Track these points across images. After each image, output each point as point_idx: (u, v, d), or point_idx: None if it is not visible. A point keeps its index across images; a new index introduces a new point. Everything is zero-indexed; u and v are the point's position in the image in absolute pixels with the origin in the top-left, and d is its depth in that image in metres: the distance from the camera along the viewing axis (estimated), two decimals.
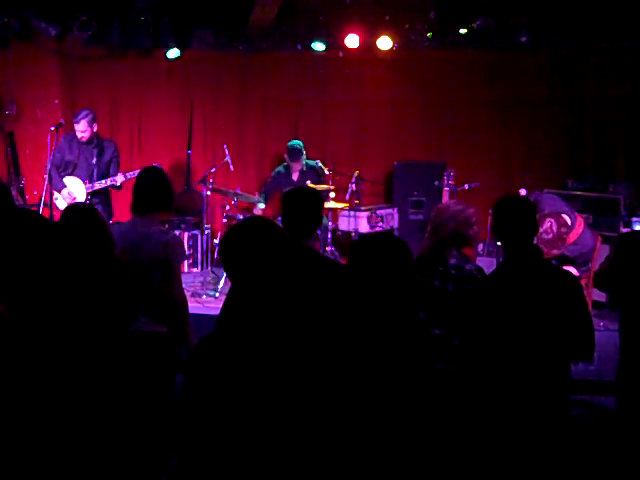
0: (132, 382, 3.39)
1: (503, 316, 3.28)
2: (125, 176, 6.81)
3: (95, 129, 6.89)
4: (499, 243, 3.53)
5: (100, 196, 6.95)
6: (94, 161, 6.83)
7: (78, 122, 6.81)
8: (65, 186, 6.83)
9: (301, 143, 8.03)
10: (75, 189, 6.87)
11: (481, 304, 3.36)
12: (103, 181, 6.88)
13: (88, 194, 6.87)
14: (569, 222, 5.62)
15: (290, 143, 8.05)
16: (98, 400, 3.25)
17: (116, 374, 3.31)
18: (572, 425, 3.37)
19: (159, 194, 4.10)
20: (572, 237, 5.67)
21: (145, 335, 3.90)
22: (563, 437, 3.27)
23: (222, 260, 2.36)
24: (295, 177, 8.08)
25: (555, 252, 5.48)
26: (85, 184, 6.87)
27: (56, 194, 6.85)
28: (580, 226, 5.78)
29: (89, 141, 6.84)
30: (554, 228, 5.56)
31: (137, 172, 6.80)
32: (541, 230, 5.57)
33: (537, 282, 3.30)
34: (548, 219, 5.60)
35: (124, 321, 3.47)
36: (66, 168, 6.88)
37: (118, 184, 6.86)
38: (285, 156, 8.07)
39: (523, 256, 3.35)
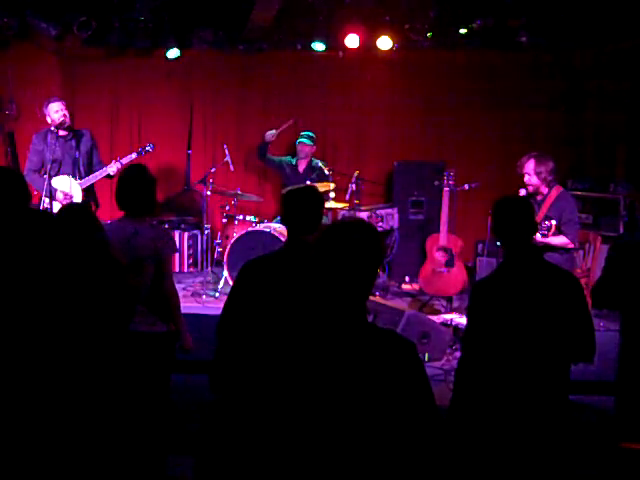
0: (127, 382, 3.39)
1: (503, 316, 3.28)
2: (120, 163, 6.61)
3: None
4: (499, 243, 3.52)
5: (91, 193, 6.71)
6: (77, 154, 6.54)
7: (52, 102, 6.56)
8: (55, 189, 6.42)
9: (308, 132, 8.22)
10: (67, 188, 6.53)
11: (481, 304, 3.36)
12: (97, 173, 6.65)
13: (83, 190, 6.60)
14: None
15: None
16: (94, 399, 3.25)
17: (112, 374, 3.31)
18: (572, 425, 3.37)
19: (148, 198, 4.09)
20: (550, 199, 5.82)
21: (140, 335, 3.90)
22: (563, 437, 3.27)
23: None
24: (301, 169, 8.16)
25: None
26: (76, 180, 6.57)
27: (46, 199, 6.29)
28: (558, 189, 5.89)
29: (68, 129, 6.57)
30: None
31: (132, 156, 6.80)
32: None
33: (537, 282, 3.30)
34: None
35: (121, 321, 3.46)
36: (51, 168, 6.41)
37: (113, 173, 6.62)
38: (296, 143, 8.23)
39: (523, 256, 3.36)
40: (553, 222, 5.36)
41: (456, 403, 3.34)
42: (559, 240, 5.63)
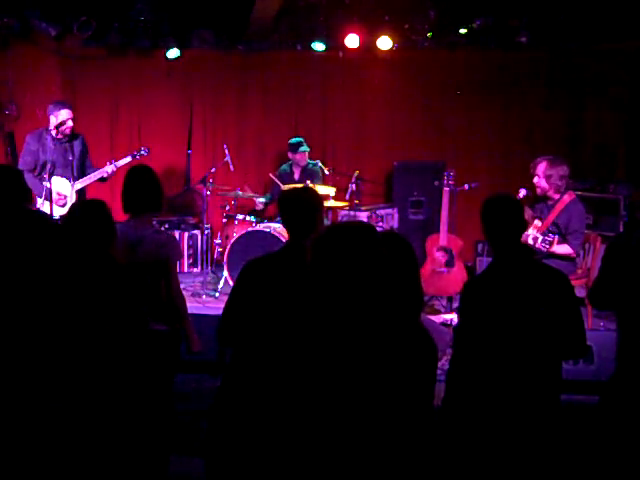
0: (131, 381, 3.39)
1: (493, 315, 3.29)
2: (115, 165, 6.59)
3: None
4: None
5: (83, 197, 6.61)
6: (70, 157, 6.50)
7: (65, 108, 6.52)
8: (49, 190, 6.19)
9: (301, 138, 8.10)
10: (63, 190, 6.52)
11: (472, 303, 3.37)
12: (92, 175, 6.62)
13: (77, 192, 6.56)
14: None
15: (290, 140, 8.15)
16: (98, 398, 3.25)
17: (113, 373, 3.31)
18: (564, 424, 3.38)
19: (153, 194, 4.08)
20: (561, 205, 5.86)
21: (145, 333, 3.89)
22: (554, 436, 3.28)
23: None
24: (297, 176, 8.10)
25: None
26: (70, 182, 6.54)
27: (39, 199, 6.22)
28: (570, 196, 5.95)
29: (64, 134, 6.52)
30: None
31: (127, 159, 6.78)
32: None
33: (526, 281, 3.31)
34: None
35: (124, 320, 3.44)
36: (43, 169, 6.40)
37: (107, 175, 6.61)
38: (289, 154, 8.11)
39: (512, 255, 3.36)
40: (556, 237, 5.42)
41: (447, 402, 3.35)
42: (563, 249, 5.72)
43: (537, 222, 5.89)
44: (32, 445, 3.18)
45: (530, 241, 5.59)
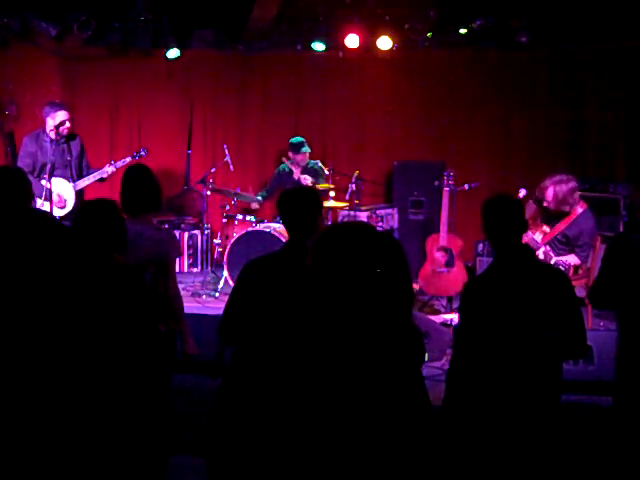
0: (130, 381, 3.39)
1: (494, 314, 3.29)
2: (115, 166, 6.61)
3: None
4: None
5: (81, 198, 6.62)
6: (69, 157, 6.53)
7: (62, 110, 6.52)
8: (47, 188, 6.25)
9: (302, 138, 8.08)
10: (63, 191, 6.57)
11: (473, 303, 3.37)
12: (91, 175, 6.64)
13: (76, 193, 6.58)
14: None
15: (291, 140, 8.12)
16: (98, 399, 3.24)
17: (116, 373, 3.31)
18: (564, 424, 3.38)
19: (151, 193, 4.07)
20: (572, 216, 5.87)
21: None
22: (554, 436, 3.28)
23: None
24: (296, 176, 8.09)
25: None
26: (69, 182, 6.56)
27: (38, 200, 6.21)
28: (582, 207, 5.92)
29: (62, 136, 6.53)
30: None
31: (126, 160, 6.79)
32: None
33: (527, 280, 3.32)
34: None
35: (138, 322, 3.43)
36: (42, 170, 6.42)
37: (107, 176, 6.64)
38: (289, 154, 8.10)
39: (513, 255, 3.37)
40: (571, 266, 5.49)
41: (448, 402, 3.35)
42: (571, 260, 5.75)
43: (545, 228, 5.89)
44: (31, 444, 3.18)
45: (541, 255, 5.59)
